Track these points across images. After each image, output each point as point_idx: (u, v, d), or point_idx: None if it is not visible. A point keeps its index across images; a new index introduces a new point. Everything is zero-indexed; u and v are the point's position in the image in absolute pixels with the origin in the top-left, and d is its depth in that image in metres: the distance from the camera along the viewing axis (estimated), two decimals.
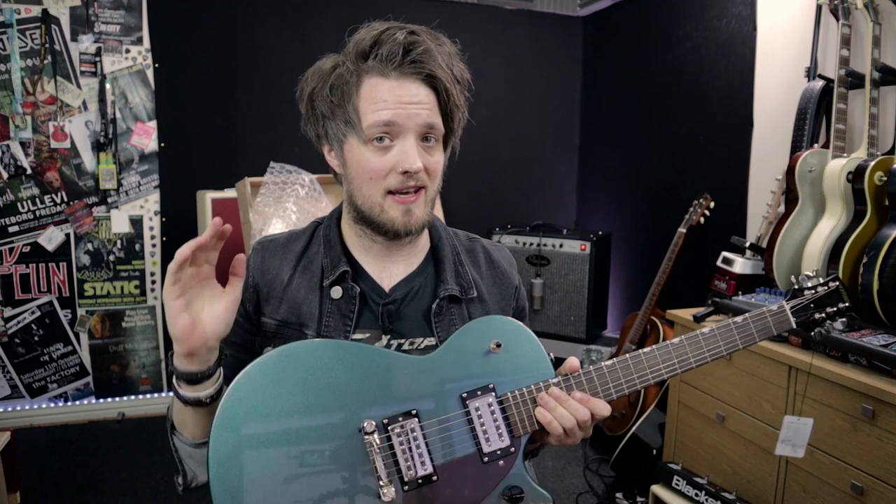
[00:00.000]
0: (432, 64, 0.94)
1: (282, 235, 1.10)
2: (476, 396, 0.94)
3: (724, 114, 2.87)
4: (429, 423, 0.92)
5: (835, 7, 2.14)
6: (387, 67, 0.93)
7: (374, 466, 0.88)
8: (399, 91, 0.93)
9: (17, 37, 2.99)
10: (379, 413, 0.91)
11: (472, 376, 0.95)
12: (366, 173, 0.95)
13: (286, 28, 3.39)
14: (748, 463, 1.97)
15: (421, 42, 0.94)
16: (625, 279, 3.68)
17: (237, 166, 3.21)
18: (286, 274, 1.04)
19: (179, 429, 0.95)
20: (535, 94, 3.94)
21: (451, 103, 0.98)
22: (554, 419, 0.93)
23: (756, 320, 1.01)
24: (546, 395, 0.94)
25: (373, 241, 1.03)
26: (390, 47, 0.92)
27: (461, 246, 1.13)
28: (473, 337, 0.96)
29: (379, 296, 1.03)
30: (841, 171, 1.95)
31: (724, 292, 2.39)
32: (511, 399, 0.95)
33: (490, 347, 0.95)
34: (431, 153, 0.97)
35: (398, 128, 0.93)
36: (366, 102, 0.94)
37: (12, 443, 2.25)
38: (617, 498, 2.54)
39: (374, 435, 0.89)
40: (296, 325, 1.01)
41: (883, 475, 1.55)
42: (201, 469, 0.96)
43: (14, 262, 3.12)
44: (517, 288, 1.15)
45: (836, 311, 1.06)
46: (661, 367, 0.97)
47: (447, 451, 0.92)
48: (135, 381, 3.38)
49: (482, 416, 0.93)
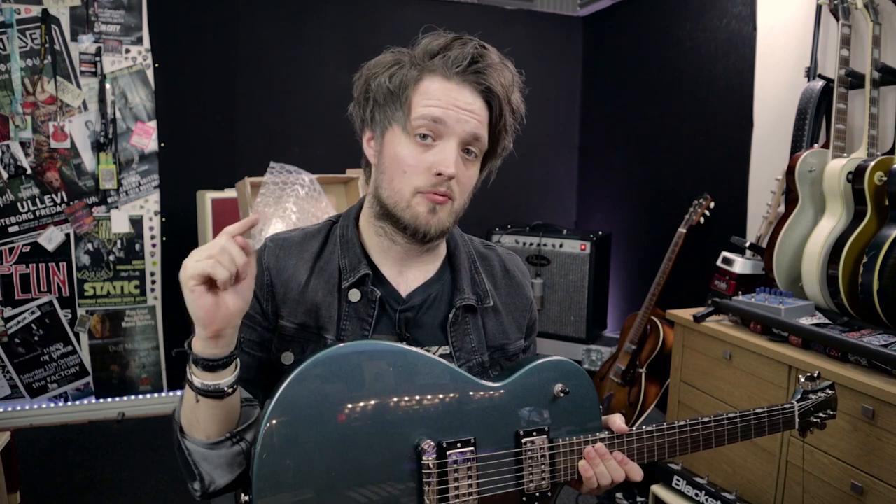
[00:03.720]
0: (493, 79, 0.95)
1: (296, 234, 1.07)
2: (531, 436, 0.95)
3: (723, 114, 2.87)
4: (483, 455, 0.92)
5: (835, 7, 2.14)
6: (450, 70, 0.94)
7: (423, 488, 0.87)
8: (455, 94, 0.94)
9: (17, 37, 2.99)
10: (439, 434, 0.89)
11: (531, 415, 0.97)
12: (400, 166, 0.95)
13: (286, 28, 3.39)
14: (748, 463, 1.97)
15: (488, 56, 0.96)
16: (625, 279, 3.68)
17: (237, 166, 3.21)
18: (303, 276, 1.02)
19: (190, 431, 0.88)
20: (535, 94, 3.91)
21: (502, 125, 0.99)
22: (594, 475, 0.98)
23: (770, 416, 1.16)
24: (592, 451, 0.99)
25: (392, 241, 1.01)
26: (459, 53, 0.94)
27: (476, 253, 1.13)
28: (543, 377, 0.98)
29: (396, 301, 1.02)
30: (841, 171, 1.95)
31: (724, 292, 2.39)
32: (562, 446, 0.98)
33: (556, 392, 0.98)
34: (468, 166, 0.97)
35: (444, 128, 0.93)
36: (420, 97, 0.94)
37: (12, 443, 2.25)
38: (617, 498, 2.54)
39: (431, 457, 0.88)
40: (314, 328, 0.99)
41: (883, 475, 1.55)
42: (219, 472, 0.88)
43: (14, 262, 3.12)
44: (531, 302, 1.15)
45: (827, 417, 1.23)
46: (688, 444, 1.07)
47: (493, 485, 0.93)
48: (135, 381, 3.38)
49: (532, 457, 0.95)
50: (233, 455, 0.88)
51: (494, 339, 1.07)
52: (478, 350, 1.04)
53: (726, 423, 1.09)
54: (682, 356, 2.28)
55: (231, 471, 0.89)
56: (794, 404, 1.19)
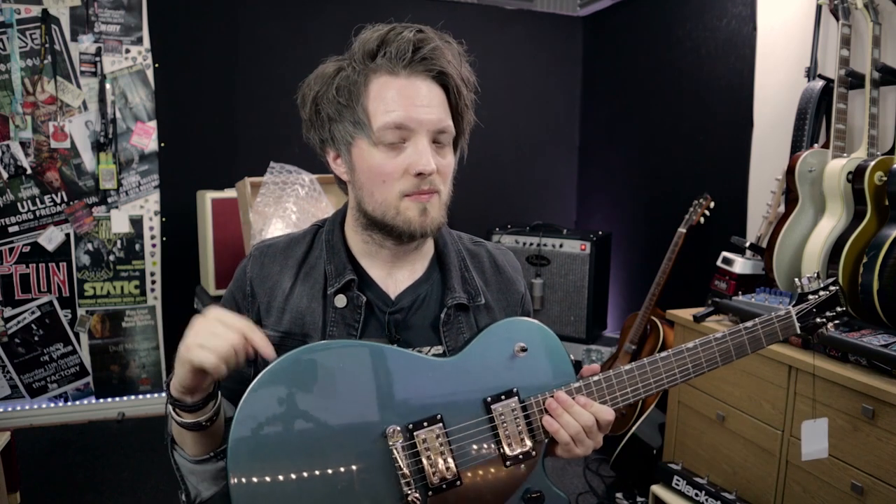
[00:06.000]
0: (442, 61, 0.91)
1: (280, 240, 1.06)
2: (500, 401, 0.93)
3: (723, 114, 2.87)
4: (453, 428, 0.91)
5: (835, 7, 2.14)
6: (396, 66, 0.90)
7: (398, 472, 0.87)
8: (410, 91, 0.91)
9: (17, 37, 2.99)
10: (403, 418, 0.89)
11: (495, 380, 0.94)
12: (378, 176, 0.92)
13: (286, 28, 3.39)
14: (748, 463, 1.97)
15: (430, 40, 0.91)
16: (625, 279, 3.68)
17: (237, 166, 3.21)
18: (287, 282, 1.00)
19: (180, 444, 0.92)
20: (535, 94, 3.94)
21: (462, 103, 0.96)
22: (560, 427, 0.92)
23: (764, 325, 1.03)
24: (553, 401, 0.93)
25: (381, 246, 0.99)
26: (399, 45, 0.90)
27: (466, 250, 1.10)
28: (498, 340, 0.96)
29: (385, 304, 1.00)
30: (841, 171, 1.95)
31: (724, 292, 2.39)
32: (535, 405, 0.94)
33: (514, 351, 0.95)
34: (443, 155, 0.95)
35: (410, 130, 0.90)
36: (375, 102, 0.91)
37: (12, 443, 2.25)
38: (617, 498, 2.54)
39: (398, 441, 0.87)
40: (299, 335, 0.98)
41: (883, 475, 1.55)
42: (204, 485, 0.93)
43: (14, 262, 3.12)
44: (523, 295, 1.13)
45: (835, 315, 1.09)
46: (676, 371, 0.98)
47: (471, 455, 0.92)
48: (135, 381, 3.38)
49: (505, 420, 0.93)
50: (217, 470, 0.91)
51: None
52: None
53: (715, 345, 1.00)
54: None
55: (216, 483, 0.92)
56: (789, 309, 1.06)
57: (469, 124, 1.01)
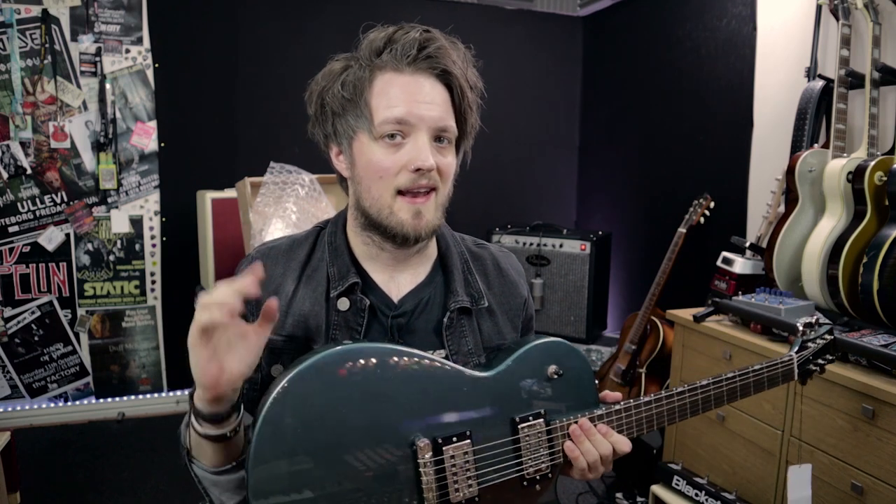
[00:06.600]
0: (447, 61, 0.92)
1: (283, 241, 1.05)
2: (527, 421, 0.94)
3: (723, 114, 2.87)
4: (480, 446, 0.91)
5: (835, 7, 2.14)
6: (401, 63, 0.91)
7: (422, 486, 0.86)
8: (413, 87, 0.91)
9: (17, 37, 2.99)
10: (432, 431, 0.88)
11: (526, 400, 0.95)
12: (376, 171, 0.92)
13: (286, 28, 3.39)
14: (748, 463, 1.97)
15: (436, 39, 0.92)
16: (625, 279, 3.68)
17: (237, 166, 3.21)
18: (290, 285, 0.99)
19: (197, 456, 0.88)
20: (536, 95, 3.94)
21: (465, 104, 0.96)
22: (580, 454, 0.94)
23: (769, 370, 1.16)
24: (576, 428, 0.95)
25: (381, 248, 0.99)
26: (405, 43, 0.91)
27: (469, 253, 1.09)
28: (534, 360, 0.96)
29: (388, 308, 1.00)
30: (841, 171, 1.95)
31: (724, 292, 2.39)
32: (559, 428, 0.96)
33: (549, 373, 0.96)
34: (444, 154, 0.94)
35: (411, 126, 0.91)
36: (378, 97, 0.92)
37: (12, 443, 2.25)
38: (617, 498, 2.54)
39: (427, 453, 0.86)
40: (303, 339, 0.97)
41: (883, 475, 1.55)
42: (228, 495, 0.90)
43: (14, 262, 3.12)
44: (526, 299, 1.13)
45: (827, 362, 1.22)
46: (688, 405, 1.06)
47: (493, 474, 0.92)
48: (135, 381, 3.38)
49: (530, 441, 0.94)
50: (240, 479, 0.88)
51: (490, 340, 1.05)
52: (474, 352, 1.02)
53: (725, 384, 1.10)
54: (682, 356, 2.28)
55: (239, 493, 0.90)
56: (792, 356, 1.18)
57: (473, 127, 1.01)
